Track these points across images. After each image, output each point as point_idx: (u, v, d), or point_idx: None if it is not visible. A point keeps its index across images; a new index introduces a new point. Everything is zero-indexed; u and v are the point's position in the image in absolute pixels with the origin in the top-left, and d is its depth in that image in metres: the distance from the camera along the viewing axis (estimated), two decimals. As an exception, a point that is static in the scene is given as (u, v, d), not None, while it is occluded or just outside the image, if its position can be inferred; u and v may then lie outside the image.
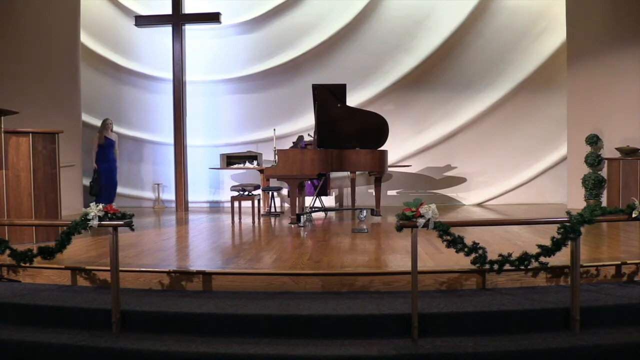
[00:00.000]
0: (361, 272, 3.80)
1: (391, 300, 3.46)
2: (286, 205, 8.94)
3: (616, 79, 7.77)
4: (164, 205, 9.49)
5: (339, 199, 9.33)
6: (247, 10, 9.31)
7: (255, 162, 8.53)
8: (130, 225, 3.40)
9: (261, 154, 8.78)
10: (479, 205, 9.10)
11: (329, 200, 8.73)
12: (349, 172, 7.54)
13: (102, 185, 8.25)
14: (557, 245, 3.34)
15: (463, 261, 3.64)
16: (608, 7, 7.86)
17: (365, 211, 7.36)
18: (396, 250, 4.68)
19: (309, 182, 8.34)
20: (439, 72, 9.11)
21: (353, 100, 8.48)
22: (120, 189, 9.40)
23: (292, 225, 6.53)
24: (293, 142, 8.70)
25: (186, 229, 6.55)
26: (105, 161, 8.36)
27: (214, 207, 9.37)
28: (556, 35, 8.74)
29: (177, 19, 9.03)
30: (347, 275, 3.77)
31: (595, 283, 3.82)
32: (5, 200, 4.89)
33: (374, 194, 7.97)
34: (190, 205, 9.26)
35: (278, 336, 3.17)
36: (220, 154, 8.65)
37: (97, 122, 9.41)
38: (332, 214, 8.17)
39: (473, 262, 3.50)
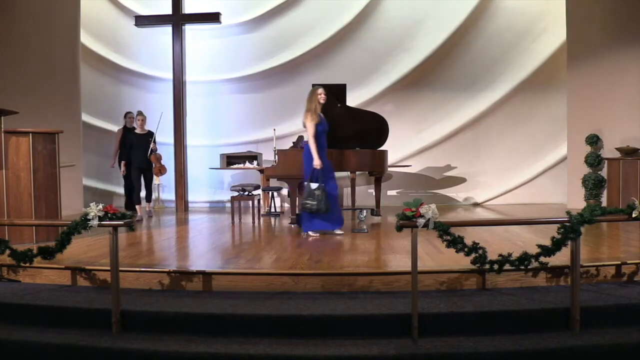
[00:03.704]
0: (361, 272, 3.80)
1: (391, 300, 3.46)
2: (286, 205, 8.93)
3: (616, 79, 7.77)
4: (164, 205, 9.49)
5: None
6: (247, 10, 9.31)
7: (255, 162, 8.52)
8: (130, 225, 3.40)
9: (261, 154, 8.77)
10: (479, 205, 9.10)
11: (329, 200, 8.71)
12: (349, 172, 7.54)
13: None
14: (557, 245, 3.34)
15: (463, 261, 3.64)
16: (608, 7, 7.86)
17: (365, 211, 7.32)
18: (396, 250, 4.68)
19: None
20: (439, 72, 9.11)
21: (353, 100, 8.48)
22: (120, 189, 9.39)
23: (292, 225, 6.53)
24: (293, 142, 8.69)
25: (186, 229, 6.54)
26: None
27: (214, 207, 9.37)
28: (556, 35, 8.74)
29: (177, 19, 9.03)
30: (347, 275, 3.77)
31: (595, 283, 3.82)
32: (5, 200, 4.89)
33: (374, 194, 7.96)
34: (190, 205, 9.26)
35: (278, 336, 3.17)
36: (220, 154, 8.65)
37: (98, 122, 9.44)
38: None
39: (473, 262, 3.50)
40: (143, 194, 7.70)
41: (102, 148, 9.24)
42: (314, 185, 5.54)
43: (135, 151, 7.52)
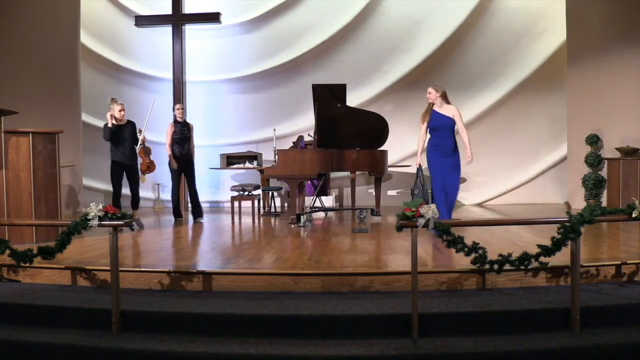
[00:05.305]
0: (361, 272, 3.80)
1: (391, 300, 3.46)
2: (286, 205, 8.94)
3: (616, 78, 7.78)
4: (164, 206, 9.48)
5: (339, 199, 9.32)
6: (247, 10, 9.31)
7: (255, 162, 8.53)
8: (130, 226, 3.41)
9: (261, 154, 8.77)
10: (479, 205, 9.10)
11: (329, 200, 8.73)
12: (349, 172, 7.54)
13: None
14: (557, 245, 3.34)
15: (463, 261, 3.64)
16: (608, 7, 7.87)
17: (365, 211, 7.36)
18: (396, 250, 4.67)
19: (309, 182, 8.34)
20: (439, 72, 9.10)
21: (353, 100, 8.47)
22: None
23: (292, 225, 6.53)
24: (293, 142, 8.69)
25: (186, 229, 6.54)
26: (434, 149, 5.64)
27: (214, 207, 9.36)
28: (556, 35, 8.73)
29: (177, 19, 9.03)
30: (347, 275, 3.77)
31: (595, 283, 3.82)
32: (5, 200, 4.89)
33: (374, 194, 7.96)
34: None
35: (278, 336, 3.17)
36: (220, 154, 8.65)
37: (98, 122, 9.41)
38: (332, 214, 8.16)
39: (473, 262, 3.50)
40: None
41: (102, 148, 9.21)
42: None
43: (116, 146, 6.44)
